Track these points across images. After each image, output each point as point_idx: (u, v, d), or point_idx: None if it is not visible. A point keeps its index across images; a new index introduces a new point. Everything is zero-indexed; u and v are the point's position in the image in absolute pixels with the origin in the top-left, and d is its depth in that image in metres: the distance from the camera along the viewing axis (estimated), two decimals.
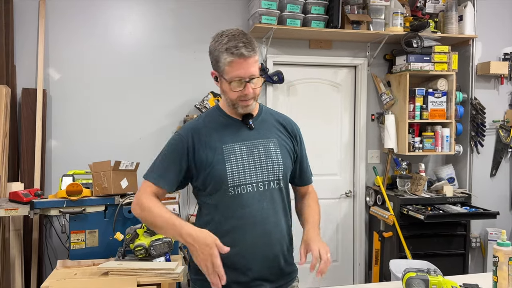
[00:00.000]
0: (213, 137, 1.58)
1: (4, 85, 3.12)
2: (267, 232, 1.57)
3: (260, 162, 1.58)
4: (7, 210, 2.68)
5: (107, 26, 3.53)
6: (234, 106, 1.59)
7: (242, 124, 1.62)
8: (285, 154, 1.64)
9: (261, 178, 1.57)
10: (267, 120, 1.69)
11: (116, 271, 2.38)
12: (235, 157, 1.56)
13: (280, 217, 1.62)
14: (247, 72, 1.50)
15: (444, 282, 1.43)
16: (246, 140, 1.60)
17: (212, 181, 1.55)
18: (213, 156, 1.55)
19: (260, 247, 1.57)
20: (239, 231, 1.55)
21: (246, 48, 1.48)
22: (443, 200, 3.66)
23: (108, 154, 3.27)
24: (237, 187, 1.54)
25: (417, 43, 3.60)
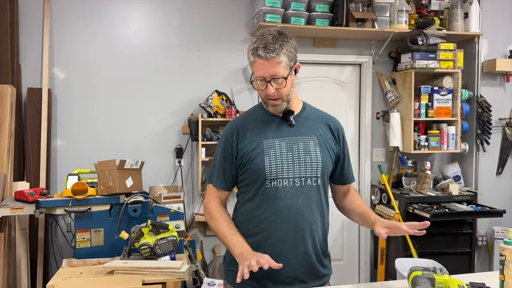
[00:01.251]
0: (254, 132, 1.66)
1: (10, 85, 3.13)
2: (299, 227, 1.60)
3: (299, 158, 1.62)
4: (13, 210, 2.69)
5: (112, 26, 3.53)
6: (266, 105, 1.67)
7: (283, 121, 1.68)
8: (325, 153, 1.66)
9: (298, 174, 1.61)
10: (310, 118, 1.72)
11: (122, 270, 2.38)
12: (274, 152, 1.62)
13: (315, 215, 1.63)
14: (267, 72, 1.55)
15: (450, 280, 1.42)
16: (286, 136, 1.65)
17: (251, 173, 1.63)
18: (253, 150, 1.63)
19: (291, 242, 1.60)
20: (272, 223, 1.60)
21: (266, 49, 1.53)
22: (449, 199, 3.64)
23: (113, 153, 3.28)
24: (274, 181, 1.60)
25: (422, 41, 3.58)
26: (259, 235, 1.61)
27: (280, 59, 1.54)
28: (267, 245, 1.60)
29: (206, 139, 3.50)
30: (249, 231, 1.64)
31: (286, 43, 1.57)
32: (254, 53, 1.55)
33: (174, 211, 2.89)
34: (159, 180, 3.52)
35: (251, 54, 1.57)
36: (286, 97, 1.61)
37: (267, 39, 1.55)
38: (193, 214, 3.64)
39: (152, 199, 3.00)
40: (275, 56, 1.53)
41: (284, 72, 1.56)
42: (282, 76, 1.56)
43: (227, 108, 3.51)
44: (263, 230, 1.61)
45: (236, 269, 1.48)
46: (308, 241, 1.62)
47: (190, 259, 3.10)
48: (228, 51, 3.69)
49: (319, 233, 1.66)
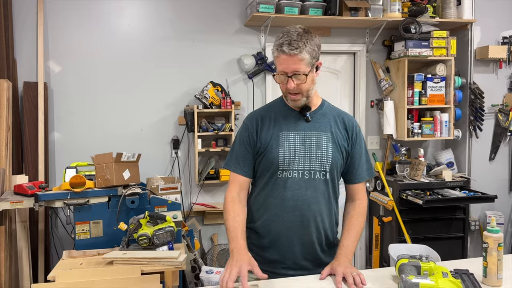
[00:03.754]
0: (272, 124, 1.76)
1: (5, 79, 3.16)
2: (305, 217, 1.70)
3: (310, 152, 1.71)
4: (13, 203, 2.74)
5: (106, 18, 3.54)
6: (286, 99, 1.76)
7: (301, 116, 1.75)
8: (336, 149, 1.73)
9: (308, 167, 1.70)
10: (326, 115, 1.78)
11: (121, 260, 2.44)
12: (288, 144, 1.71)
13: (321, 207, 1.72)
14: (289, 68, 1.62)
15: (435, 268, 1.47)
16: (301, 130, 1.73)
17: (265, 162, 1.73)
18: (270, 141, 1.73)
19: (296, 230, 1.71)
20: (280, 211, 1.71)
21: (290, 46, 1.59)
22: (442, 185, 3.70)
23: (110, 145, 3.32)
24: (285, 171, 1.70)
25: (415, 29, 3.60)
26: (268, 220, 1.74)
27: (302, 56, 1.60)
28: (275, 231, 1.73)
29: (202, 130, 3.53)
30: (260, 217, 1.77)
31: (311, 41, 1.63)
32: (279, 49, 1.61)
33: (171, 202, 2.94)
34: (156, 172, 3.57)
35: (275, 49, 1.64)
36: (306, 92, 1.68)
37: (292, 36, 1.60)
38: (191, 204, 3.70)
39: (150, 191, 3.05)
40: (298, 53, 1.59)
41: (306, 69, 1.62)
42: (303, 73, 1.62)
43: (223, 99, 3.54)
44: (272, 217, 1.72)
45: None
46: (313, 231, 1.72)
47: (188, 248, 3.17)
48: (222, 42, 3.71)
49: (325, 225, 1.74)
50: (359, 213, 1.79)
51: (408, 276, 1.39)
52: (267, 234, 1.75)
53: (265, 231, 1.76)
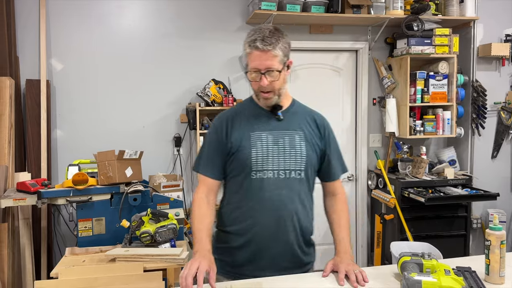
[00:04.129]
0: (243, 124, 1.72)
1: (8, 77, 3.16)
2: (282, 217, 1.67)
3: (284, 151, 1.68)
4: (15, 200, 2.75)
5: (108, 16, 3.54)
6: (257, 98, 1.72)
7: (272, 115, 1.73)
8: (310, 148, 1.72)
9: (283, 167, 1.67)
10: (298, 114, 1.78)
11: (123, 257, 2.45)
12: (261, 144, 1.67)
13: (297, 206, 1.69)
14: (263, 64, 1.60)
15: (437, 265, 1.47)
16: (273, 130, 1.71)
17: (237, 163, 1.69)
18: (241, 141, 1.68)
19: (274, 231, 1.67)
20: (257, 213, 1.67)
21: (263, 42, 1.58)
22: (444, 183, 3.70)
23: (112, 143, 3.33)
24: (259, 172, 1.66)
25: (418, 26, 3.59)
26: (244, 223, 1.69)
27: (276, 52, 1.59)
28: (252, 233, 1.68)
29: (204, 127, 3.54)
30: (235, 220, 1.72)
31: (282, 39, 1.62)
32: (252, 45, 1.59)
33: (173, 199, 2.95)
34: (159, 169, 3.57)
35: (248, 45, 1.61)
36: (278, 91, 1.66)
37: (265, 33, 1.60)
38: None
39: (152, 188, 3.06)
40: (271, 49, 1.58)
41: (279, 66, 1.61)
42: (276, 70, 1.61)
43: (224, 97, 3.54)
44: (248, 219, 1.68)
45: (219, 257, 1.66)
46: (290, 231, 1.69)
47: (190, 246, 3.17)
48: (224, 40, 3.71)
49: (302, 224, 1.72)
50: (344, 207, 1.81)
51: (411, 273, 1.40)
52: (242, 235, 1.70)
53: (241, 232, 1.70)
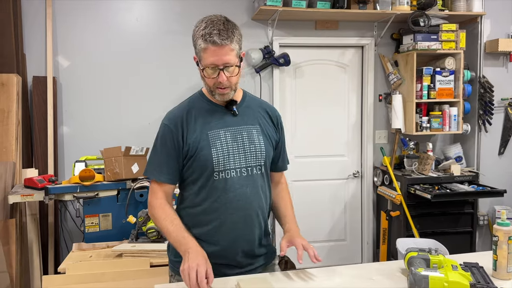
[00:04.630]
0: (198, 123, 1.61)
1: (15, 74, 3.18)
2: (249, 216, 1.63)
3: (244, 148, 1.62)
4: (23, 196, 2.77)
5: (114, 13, 3.55)
6: (212, 93, 1.61)
7: (226, 110, 1.65)
8: (267, 141, 1.68)
9: (245, 164, 1.61)
10: (251, 107, 1.71)
11: (130, 253, 2.47)
12: (220, 142, 1.59)
13: (261, 202, 1.66)
14: (220, 60, 1.50)
15: (444, 261, 1.47)
16: (230, 126, 1.62)
17: (198, 166, 1.58)
18: (199, 142, 1.58)
19: (241, 230, 1.62)
20: (223, 214, 1.59)
21: (220, 35, 1.48)
22: (450, 179, 3.68)
23: (118, 139, 3.33)
24: (222, 172, 1.58)
25: (424, 22, 3.57)
26: (209, 225, 1.61)
27: (233, 46, 1.51)
28: (218, 235, 1.61)
29: None
30: (199, 223, 1.63)
31: (236, 31, 1.55)
32: (207, 39, 1.48)
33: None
34: None
35: (202, 40, 1.49)
36: (235, 85, 1.59)
37: (219, 25, 1.50)
38: None
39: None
40: (229, 43, 1.49)
41: (236, 60, 1.54)
42: (235, 64, 1.54)
43: None
44: (213, 221, 1.60)
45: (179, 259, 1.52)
46: (256, 228, 1.66)
47: None
48: None
49: (265, 218, 1.72)
50: (288, 194, 1.84)
51: (418, 268, 1.39)
52: (208, 239, 1.61)
53: (207, 236, 1.61)
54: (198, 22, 1.56)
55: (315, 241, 4.02)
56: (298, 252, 1.57)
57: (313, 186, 3.99)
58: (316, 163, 4.00)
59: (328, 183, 4.07)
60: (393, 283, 1.50)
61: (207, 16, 1.57)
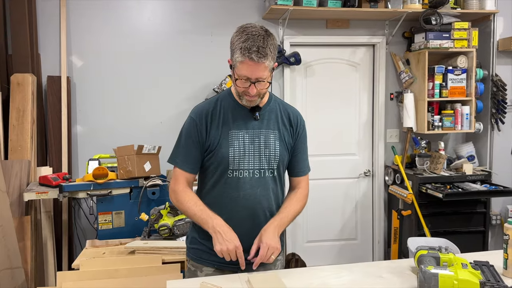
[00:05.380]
0: (222, 121, 1.70)
1: (30, 74, 3.24)
2: (257, 216, 1.70)
3: (259, 151, 1.70)
4: (38, 194, 2.83)
5: (127, 13, 3.59)
6: (239, 97, 1.69)
7: (249, 113, 1.72)
8: (283, 146, 1.74)
9: (258, 166, 1.70)
10: (274, 111, 1.77)
11: (142, 249, 2.50)
12: (238, 143, 1.68)
13: (271, 204, 1.73)
14: (254, 75, 1.57)
15: (454, 259, 1.47)
16: (250, 129, 1.71)
17: (215, 161, 1.69)
18: (219, 139, 1.68)
19: (248, 229, 1.68)
20: (232, 210, 1.68)
21: (259, 53, 1.53)
22: (462, 178, 3.65)
23: (131, 138, 3.37)
24: (236, 171, 1.68)
25: (436, 20, 3.55)
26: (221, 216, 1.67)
27: (268, 63, 1.57)
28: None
29: None
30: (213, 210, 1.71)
31: (274, 46, 1.59)
32: (246, 54, 1.53)
33: None
34: None
35: (240, 53, 1.54)
36: (263, 95, 1.67)
37: (259, 41, 1.54)
38: None
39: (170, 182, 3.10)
40: (265, 61, 1.55)
41: (268, 75, 1.61)
42: (267, 80, 1.60)
43: None
44: (223, 215, 1.66)
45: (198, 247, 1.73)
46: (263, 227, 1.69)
47: None
48: None
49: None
50: (298, 198, 1.80)
51: (427, 266, 1.40)
52: None
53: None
54: (239, 31, 1.59)
55: (326, 239, 4.03)
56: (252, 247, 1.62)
57: (324, 185, 3.99)
58: (327, 162, 4.00)
59: (339, 182, 4.07)
60: (403, 281, 1.51)
61: (248, 24, 1.61)
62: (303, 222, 3.99)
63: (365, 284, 1.50)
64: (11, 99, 3.18)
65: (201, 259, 1.74)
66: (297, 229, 3.97)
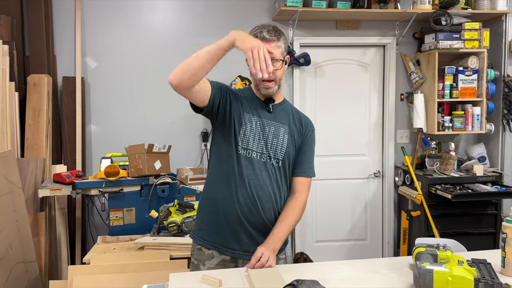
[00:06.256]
0: (240, 104, 1.83)
1: (46, 74, 3.34)
2: (259, 196, 1.77)
3: (268, 138, 1.80)
4: (52, 190, 2.92)
5: (140, 15, 3.68)
6: (257, 88, 1.82)
7: (264, 105, 1.85)
8: (290, 141, 1.84)
9: (265, 151, 1.79)
10: (287, 111, 1.90)
11: (151, 245, 2.57)
12: (250, 126, 1.80)
13: (274, 190, 1.80)
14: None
15: (452, 256, 1.49)
16: (262, 118, 1.83)
17: (227, 134, 1.79)
18: (236, 116, 1.79)
19: (253, 209, 1.76)
20: (237, 185, 1.76)
21: (269, 33, 1.73)
22: (473, 179, 3.63)
23: (142, 137, 3.45)
24: (245, 150, 1.78)
25: (446, 21, 3.54)
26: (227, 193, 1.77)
27: (279, 44, 1.75)
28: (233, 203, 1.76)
29: None
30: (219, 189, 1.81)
31: (283, 35, 1.79)
32: (258, 36, 1.72)
33: (199, 191, 3.04)
34: (186, 163, 3.68)
35: (254, 37, 1.69)
36: (279, 81, 1.80)
37: (269, 27, 1.76)
38: None
39: (179, 181, 3.17)
40: (276, 40, 1.74)
41: (280, 55, 1.76)
42: (280, 58, 1.75)
43: None
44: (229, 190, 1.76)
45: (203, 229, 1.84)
46: (267, 212, 1.78)
47: None
48: None
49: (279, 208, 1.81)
50: (296, 205, 1.83)
51: (423, 263, 1.42)
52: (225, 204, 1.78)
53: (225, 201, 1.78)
54: (252, 28, 1.80)
55: (335, 239, 4.05)
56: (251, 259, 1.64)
57: (334, 185, 4.01)
58: (337, 162, 4.02)
59: (349, 183, 4.09)
60: (399, 277, 1.54)
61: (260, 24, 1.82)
62: (312, 222, 4.02)
63: (363, 279, 1.53)
64: (28, 99, 3.29)
65: (205, 241, 1.83)
66: (306, 228, 4.00)
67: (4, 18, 3.25)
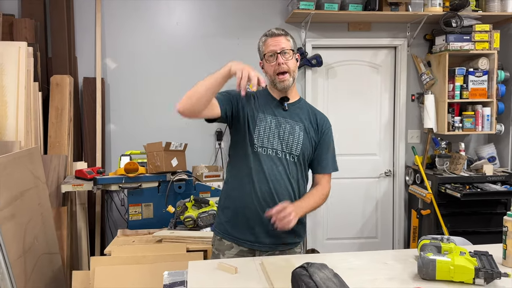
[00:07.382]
0: (254, 105, 1.92)
1: (68, 75, 3.49)
2: (275, 190, 1.86)
3: (283, 136, 1.89)
4: (74, 186, 3.06)
5: (157, 18, 3.81)
6: (273, 83, 1.91)
7: (279, 104, 1.93)
8: (306, 138, 1.92)
9: (281, 148, 1.88)
10: (302, 109, 1.98)
11: (169, 238, 2.68)
12: (265, 125, 1.89)
13: (291, 185, 1.89)
14: (278, 45, 1.85)
15: (455, 248, 1.57)
16: (278, 116, 1.91)
17: (242, 135, 1.89)
18: (249, 117, 1.89)
19: (268, 202, 1.84)
20: (254, 181, 1.85)
21: (277, 29, 1.90)
22: (482, 179, 3.67)
23: (160, 135, 3.57)
24: (261, 147, 1.87)
25: (456, 23, 3.60)
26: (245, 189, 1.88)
27: (288, 38, 1.90)
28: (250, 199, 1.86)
29: None
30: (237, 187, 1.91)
31: (290, 35, 1.93)
32: (267, 34, 1.89)
33: (214, 188, 3.16)
34: (201, 161, 3.79)
35: (263, 37, 1.90)
36: (293, 73, 1.89)
37: (277, 27, 1.96)
38: None
39: (195, 178, 3.28)
40: (284, 34, 1.89)
41: (291, 48, 1.88)
42: (290, 49, 1.87)
43: None
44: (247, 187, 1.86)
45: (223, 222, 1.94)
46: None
47: None
48: None
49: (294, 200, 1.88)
50: (320, 192, 1.94)
51: (427, 253, 1.51)
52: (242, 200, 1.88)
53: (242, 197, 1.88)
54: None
55: (346, 237, 4.12)
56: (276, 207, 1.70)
57: (345, 184, 4.09)
58: (348, 161, 4.08)
59: (360, 182, 4.16)
60: (404, 267, 1.62)
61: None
62: (323, 220, 4.10)
63: (369, 268, 1.62)
64: (51, 98, 3.43)
65: (224, 234, 1.94)
66: (317, 226, 4.09)
67: (29, 21, 3.40)
